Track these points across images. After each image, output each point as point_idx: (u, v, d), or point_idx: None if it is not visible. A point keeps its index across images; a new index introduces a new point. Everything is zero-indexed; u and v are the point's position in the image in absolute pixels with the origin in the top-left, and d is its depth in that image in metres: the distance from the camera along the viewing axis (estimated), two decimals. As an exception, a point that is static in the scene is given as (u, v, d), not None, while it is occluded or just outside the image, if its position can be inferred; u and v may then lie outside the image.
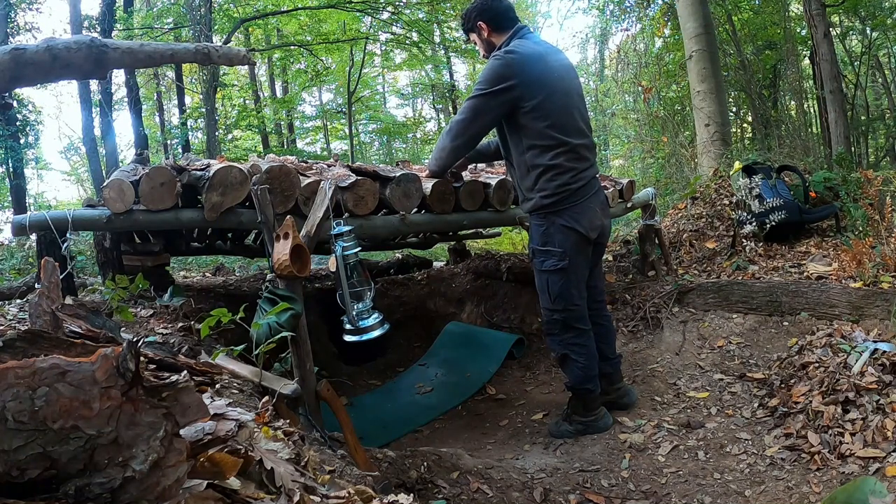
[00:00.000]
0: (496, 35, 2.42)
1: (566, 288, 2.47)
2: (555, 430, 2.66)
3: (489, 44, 2.45)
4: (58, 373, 0.44)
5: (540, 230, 2.45)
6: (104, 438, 0.44)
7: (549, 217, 2.42)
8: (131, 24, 10.13)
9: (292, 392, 1.71)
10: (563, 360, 2.56)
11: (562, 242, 2.42)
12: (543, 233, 2.44)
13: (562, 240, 2.42)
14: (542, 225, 2.44)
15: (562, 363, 2.58)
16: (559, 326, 2.52)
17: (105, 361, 0.45)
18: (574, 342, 2.52)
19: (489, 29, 2.42)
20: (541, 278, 2.51)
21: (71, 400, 0.43)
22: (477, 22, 2.42)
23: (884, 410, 2.05)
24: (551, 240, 2.43)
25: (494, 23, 2.41)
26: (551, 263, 2.44)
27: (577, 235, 2.42)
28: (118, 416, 0.45)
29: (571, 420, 2.61)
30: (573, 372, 2.54)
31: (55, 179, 33.77)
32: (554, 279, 2.47)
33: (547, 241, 2.44)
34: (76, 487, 0.43)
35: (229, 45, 5.42)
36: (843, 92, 7.40)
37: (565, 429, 2.61)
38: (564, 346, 2.53)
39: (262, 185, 2.07)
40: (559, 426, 2.65)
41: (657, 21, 9.40)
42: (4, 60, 1.21)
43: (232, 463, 0.63)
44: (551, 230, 2.42)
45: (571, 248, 2.43)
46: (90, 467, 0.43)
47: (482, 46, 2.49)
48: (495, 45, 2.42)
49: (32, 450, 0.42)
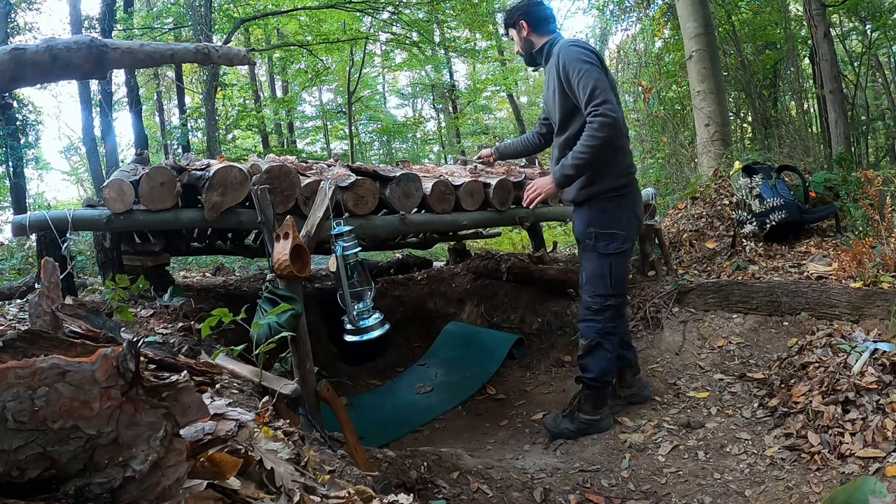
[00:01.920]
0: (535, 36, 2.52)
1: (625, 273, 2.51)
2: (553, 426, 2.62)
3: (527, 42, 2.54)
4: (58, 373, 0.43)
5: (604, 213, 2.43)
6: (104, 438, 0.44)
7: (615, 200, 2.42)
8: (131, 24, 10.13)
9: (292, 392, 1.71)
10: (594, 350, 2.50)
11: (626, 225, 2.45)
12: (610, 215, 2.43)
13: (626, 223, 2.45)
14: (607, 207, 2.43)
15: (590, 352, 2.51)
16: (609, 313, 2.48)
17: (105, 361, 0.45)
18: (613, 331, 2.51)
19: (529, 29, 2.52)
20: (601, 263, 2.45)
21: (71, 400, 0.43)
22: (520, 20, 2.52)
23: (884, 410, 2.04)
24: (618, 222, 2.43)
25: (535, 25, 2.52)
26: (616, 247, 2.43)
27: (636, 221, 2.52)
28: (118, 416, 0.45)
29: (575, 418, 2.57)
30: (600, 363, 2.50)
31: (55, 179, 33.81)
32: (617, 263, 2.46)
33: (613, 223, 2.42)
34: (76, 487, 0.43)
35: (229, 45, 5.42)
36: (843, 92, 7.39)
37: (565, 427, 2.57)
38: (602, 335, 2.48)
39: (262, 185, 2.07)
40: (558, 423, 2.61)
41: (657, 21, 9.40)
42: (4, 60, 1.21)
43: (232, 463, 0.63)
44: (618, 213, 2.43)
45: (633, 233, 2.51)
46: (90, 467, 0.43)
47: (519, 43, 2.57)
48: (533, 46, 2.53)
49: (32, 450, 0.42)
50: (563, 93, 2.39)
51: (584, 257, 2.53)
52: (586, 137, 2.27)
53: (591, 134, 2.25)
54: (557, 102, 2.43)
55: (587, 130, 2.27)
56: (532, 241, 4.33)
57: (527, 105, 18.99)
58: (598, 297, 2.48)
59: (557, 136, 2.52)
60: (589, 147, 2.27)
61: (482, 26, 13.00)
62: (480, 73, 17.50)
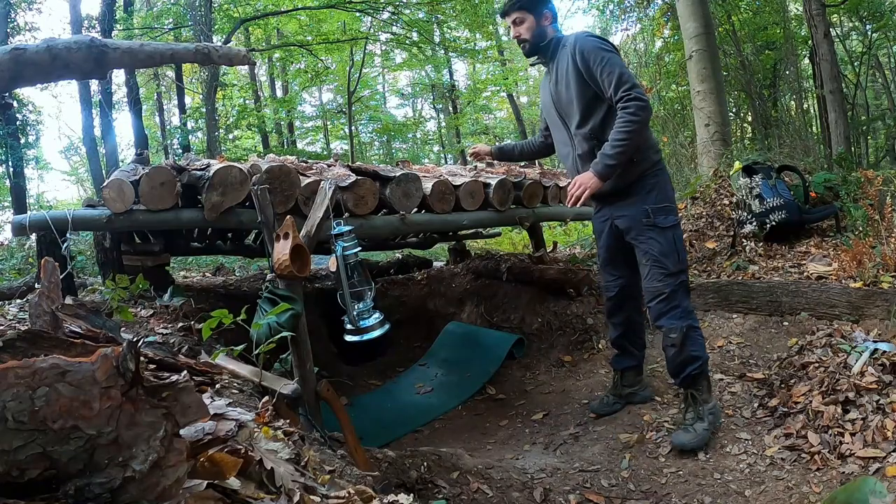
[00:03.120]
0: (551, 29, 2.51)
1: (684, 245, 2.46)
2: (692, 440, 2.27)
3: (540, 31, 2.48)
4: (58, 373, 0.44)
5: (656, 187, 2.40)
6: (104, 438, 0.44)
7: (659, 174, 2.42)
8: (131, 24, 10.13)
9: (292, 392, 1.70)
10: (688, 334, 2.33)
11: (673, 198, 2.47)
12: (660, 189, 2.40)
13: (673, 195, 2.47)
14: (656, 182, 2.40)
15: (685, 342, 2.32)
16: (682, 290, 2.38)
17: (105, 361, 0.45)
18: (690, 307, 2.41)
19: (551, 18, 2.50)
20: (666, 238, 2.37)
21: (71, 400, 0.43)
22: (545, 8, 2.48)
23: (884, 410, 2.04)
24: (667, 195, 2.42)
25: (555, 17, 2.53)
26: (673, 219, 2.40)
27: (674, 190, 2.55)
28: (118, 416, 0.45)
29: (701, 413, 2.32)
30: (699, 344, 2.36)
31: (55, 179, 33.79)
32: (678, 234, 2.41)
33: (664, 196, 2.40)
34: (76, 487, 0.43)
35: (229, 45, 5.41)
36: (843, 92, 7.39)
37: (703, 429, 2.29)
38: (688, 315, 2.36)
39: (262, 185, 2.07)
40: (694, 432, 2.28)
41: (657, 21, 9.40)
42: (4, 60, 1.21)
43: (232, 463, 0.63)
44: (665, 185, 2.43)
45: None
46: (90, 467, 0.43)
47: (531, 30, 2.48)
48: (545, 37, 2.48)
49: (32, 450, 0.42)
50: (581, 83, 2.35)
51: (644, 240, 2.39)
52: (624, 123, 2.22)
53: (629, 119, 2.21)
54: (575, 94, 2.38)
55: (623, 116, 2.22)
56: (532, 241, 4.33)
57: (527, 105, 18.99)
58: (669, 277, 2.34)
59: (579, 129, 2.43)
60: (629, 132, 2.22)
61: (482, 26, 13.00)
62: (480, 73, 17.52)
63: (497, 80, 16.01)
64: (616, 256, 2.60)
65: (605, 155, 2.28)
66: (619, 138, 2.23)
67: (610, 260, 2.63)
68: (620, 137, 2.23)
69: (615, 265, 2.63)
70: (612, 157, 2.26)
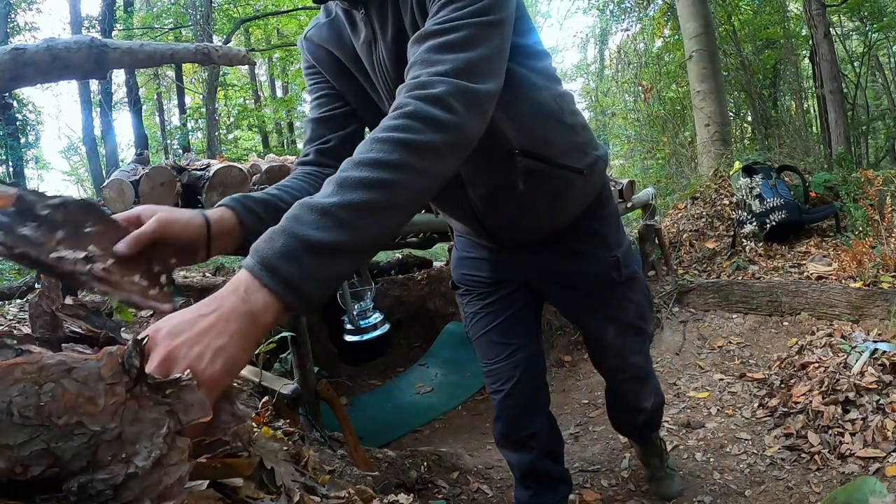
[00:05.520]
0: None
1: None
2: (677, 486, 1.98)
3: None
4: (64, 369, 0.44)
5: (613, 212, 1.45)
6: (108, 434, 0.44)
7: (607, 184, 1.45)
8: (131, 24, 10.14)
9: (292, 392, 1.71)
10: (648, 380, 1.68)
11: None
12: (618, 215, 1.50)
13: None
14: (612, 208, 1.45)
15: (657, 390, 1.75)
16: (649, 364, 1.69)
17: (111, 358, 0.46)
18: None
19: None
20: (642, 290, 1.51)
21: (76, 396, 0.44)
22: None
23: (884, 410, 2.05)
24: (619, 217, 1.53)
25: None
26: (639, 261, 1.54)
27: None
28: (122, 413, 0.45)
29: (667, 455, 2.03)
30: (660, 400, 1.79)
31: (55, 179, 33.75)
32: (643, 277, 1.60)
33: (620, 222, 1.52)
34: (79, 484, 0.43)
35: (229, 45, 5.41)
36: (843, 92, 7.40)
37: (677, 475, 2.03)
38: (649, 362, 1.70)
39: (262, 185, 2.07)
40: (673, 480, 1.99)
41: (657, 21, 9.41)
42: (4, 60, 1.22)
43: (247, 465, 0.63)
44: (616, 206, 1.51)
45: None
46: (93, 464, 0.44)
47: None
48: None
49: (37, 445, 0.42)
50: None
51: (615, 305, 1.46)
52: (385, 145, 0.81)
53: (399, 138, 0.80)
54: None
55: (390, 121, 0.82)
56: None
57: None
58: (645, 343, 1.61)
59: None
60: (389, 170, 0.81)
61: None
62: (480, 74, 17.49)
63: (497, 81, 15.99)
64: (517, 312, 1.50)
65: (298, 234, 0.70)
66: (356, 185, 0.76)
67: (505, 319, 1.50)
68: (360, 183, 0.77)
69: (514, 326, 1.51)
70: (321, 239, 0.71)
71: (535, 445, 1.60)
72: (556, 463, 1.67)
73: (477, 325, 1.53)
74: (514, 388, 1.54)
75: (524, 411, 1.58)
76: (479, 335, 1.53)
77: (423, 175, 0.76)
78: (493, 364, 1.55)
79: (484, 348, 1.54)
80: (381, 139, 0.75)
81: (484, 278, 1.48)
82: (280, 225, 0.70)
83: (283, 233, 0.68)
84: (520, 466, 1.64)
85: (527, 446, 1.60)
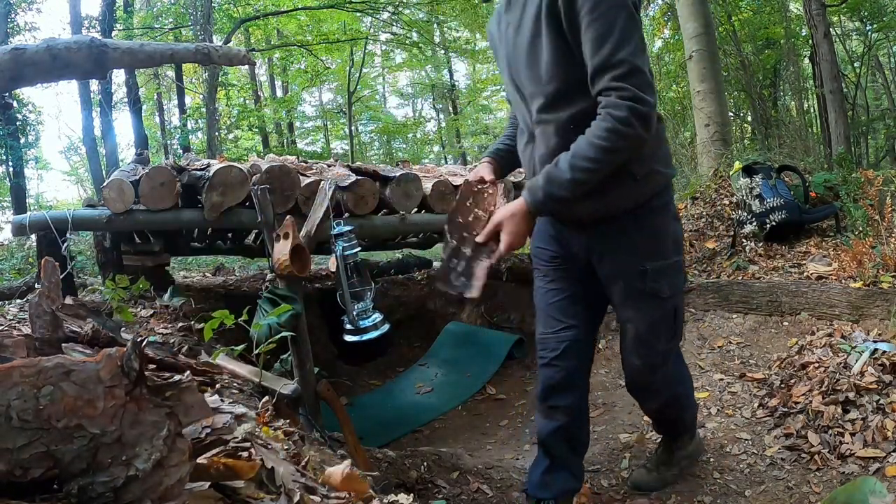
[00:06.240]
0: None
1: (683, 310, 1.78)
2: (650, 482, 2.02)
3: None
4: (63, 372, 0.44)
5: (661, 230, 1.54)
6: (108, 437, 0.44)
7: (669, 206, 1.56)
8: (131, 24, 10.14)
9: (292, 392, 1.70)
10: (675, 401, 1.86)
11: (681, 244, 1.64)
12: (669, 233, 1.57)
13: (681, 239, 1.65)
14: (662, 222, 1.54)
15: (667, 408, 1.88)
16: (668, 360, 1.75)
17: (110, 361, 0.46)
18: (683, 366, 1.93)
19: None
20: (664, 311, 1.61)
21: (75, 399, 0.44)
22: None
23: (884, 410, 2.05)
24: (678, 244, 1.60)
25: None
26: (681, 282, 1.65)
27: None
28: (122, 415, 0.45)
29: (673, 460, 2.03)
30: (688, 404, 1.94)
31: (55, 179, 33.81)
32: (682, 304, 1.70)
33: (674, 247, 1.59)
34: (79, 486, 0.43)
35: (229, 45, 5.41)
36: (843, 92, 7.40)
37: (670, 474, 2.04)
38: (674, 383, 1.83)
39: (262, 185, 2.07)
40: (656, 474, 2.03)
41: (657, 21, 9.41)
42: (4, 60, 1.22)
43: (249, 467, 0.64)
44: (675, 227, 1.59)
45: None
46: (93, 467, 0.44)
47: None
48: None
49: (36, 448, 0.42)
50: (556, 36, 1.37)
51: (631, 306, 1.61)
52: (603, 133, 1.31)
53: (613, 129, 1.30)
54: (545, 53, 1.39)
55: (604, 121, 1.31)
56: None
57: (527, 105, 18.95)
58: (656, 353, 1.68)
59: (545, 112, 1.46)
60: (606, 151, 1.32)
61: (482, 27, 12.99)
62: (480, 73, 17.52)
63: (497, 80, 16.01)
64: (574, 294, 1.70)
65: (553, 178, 1.37)
66: (586, 155, 1.33)
67: (563, 298, 1.70)
68: (589, 155, 1.33)
69: (568, 308, 1.70)
70: (564, 184, 1.36)
71: (559, 419, 1.72)
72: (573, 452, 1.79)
73: (540, 299, 1.78)
74: (555, 359, 1.71)
75: (557, 384, 1.71)
76: (540, 308, 1.78)
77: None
78: (543, 335, 1.76)
79: (541, 320, 1.77)
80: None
81: (547, 251, 1.72)
82: (538, 180, 1.41)
83: (540, 188, 1.40)
84: (541, 433, 1.77)
85: (552, 417, 1.73)
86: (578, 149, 1.35)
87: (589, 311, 1.73)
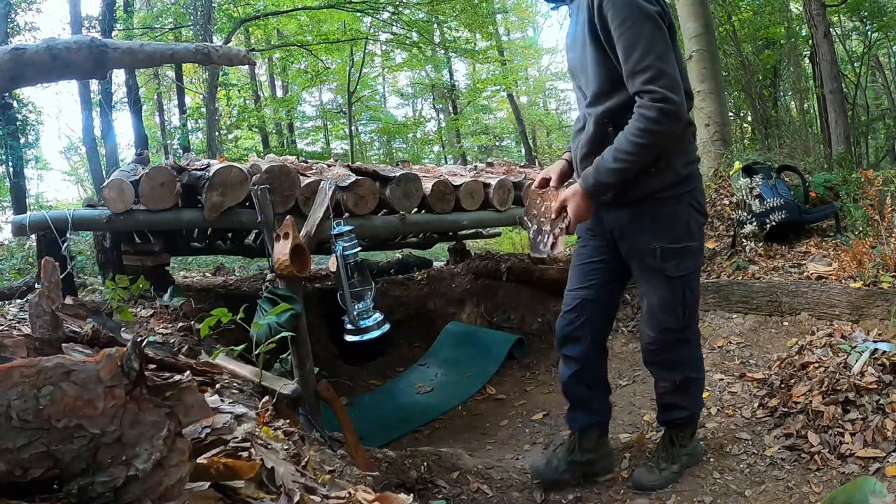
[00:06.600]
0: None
1: (698, 296, 1.97)
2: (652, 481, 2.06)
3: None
4: (63, 372, 0.44)
5: (674, 218, 1.81)
6: (108, 437, 0.44)
7: (684, 197, 1.81)
8: (131, 24, 10.13)
9: (292, 392, 1.71)
10: (682, 386, 2.02)
11: (699, 233, 1.89)
12: (680, 221, 1.81)
13: (699, 228, 1.88)
14: (675, 211, 1.80)
15: (677, 390, 2.03)
16: (683, 343, 1.98)
17: (109, 361, 0.46)
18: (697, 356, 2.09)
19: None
20: (672, 289, 1.86)
21: (75, 399, 0.44)
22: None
23: (884, 410, 2.05)
24: (690, 230, 1.84)
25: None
26: (690, 265, 1.86)
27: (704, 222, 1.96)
28: (122, 415, 0.45)
29: (675, 456, 2.09)
30: (696, 394, 2.09)
31: (55, 179, 33.75)
32: (692, 286, 1.90)
33: (686, 232, 1.83)
34: (79, 486, 0.43)
35: (229, 45, 5.41)
36: (843, 92, 7.40)
37: (671, 471, 2.07)
38: (685, 367, 2.01)
39: (262, 185, 2.07)
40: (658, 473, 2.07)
41: (657, 21, 9.38)
42: (4, 60, 1.22)
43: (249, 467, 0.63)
44: (689, 217, 1.83)
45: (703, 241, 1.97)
46: (93, 466, 0.44)
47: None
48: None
49: (36, 448, 0.42)
50: (597, 46, 1.69)
51: (644, 282, 1.92)
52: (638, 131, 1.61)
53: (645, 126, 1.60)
54: (590, 58, 1.73)
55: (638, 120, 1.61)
56: (532, 241, 4.32)
57: (527, 105, 18.99)
58: (667, 330, 1.93)
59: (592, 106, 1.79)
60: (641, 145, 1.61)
61: (482, 26, 13.00)
62: (480, 73, 17.51)
63: (497, 80, 16.01)
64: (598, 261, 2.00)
65: (600, 167, 1.69)
66: (624, 149, 1.64)
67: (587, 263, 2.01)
68: (627, 149, 1.63)
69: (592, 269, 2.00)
70: (608, 172, 1.68)
71: (572, 366, 2.03)
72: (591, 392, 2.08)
73: (574, 261, 2.06)
74: (567, 312, 2.02)
75: (567, 335, 2.02)
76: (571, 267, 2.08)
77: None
78: (567, 291, 2.05)
79: (570, 277, 2.06)
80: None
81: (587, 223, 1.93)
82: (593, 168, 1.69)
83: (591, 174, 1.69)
84: (562, 379, 2.10)
85: (567, 364, 2.06)
86: (619, 144, 1.66)
87: (609, 276, 1.99)
